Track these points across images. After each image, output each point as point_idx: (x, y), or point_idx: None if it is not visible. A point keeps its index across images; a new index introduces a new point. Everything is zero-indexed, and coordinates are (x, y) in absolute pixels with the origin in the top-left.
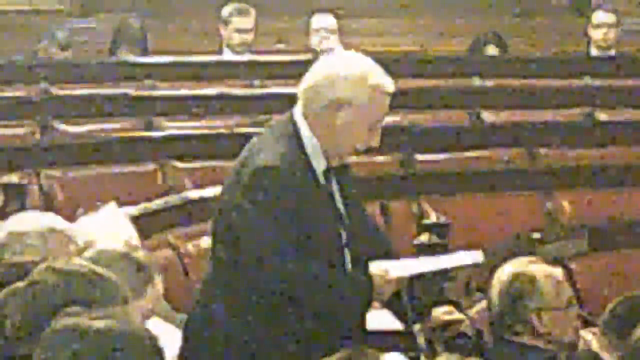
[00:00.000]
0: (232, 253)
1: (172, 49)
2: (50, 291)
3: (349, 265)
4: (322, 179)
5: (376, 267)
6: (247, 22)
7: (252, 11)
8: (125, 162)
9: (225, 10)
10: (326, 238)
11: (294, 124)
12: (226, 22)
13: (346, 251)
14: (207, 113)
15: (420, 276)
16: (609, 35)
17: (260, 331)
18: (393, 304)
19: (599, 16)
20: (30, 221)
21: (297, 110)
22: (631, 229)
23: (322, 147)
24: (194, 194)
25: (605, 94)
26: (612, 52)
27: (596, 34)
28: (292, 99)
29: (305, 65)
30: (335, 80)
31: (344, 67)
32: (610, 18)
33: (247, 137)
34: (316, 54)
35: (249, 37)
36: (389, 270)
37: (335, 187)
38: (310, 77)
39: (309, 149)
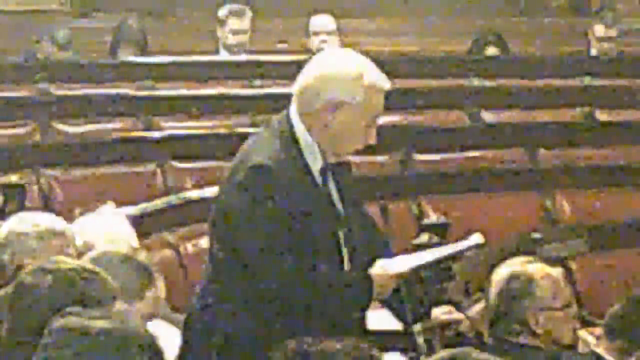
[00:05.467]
0: (229, 253)
1: (172, 49)
2: (44, 292)
3: (346, 264)
4: (318, 178)
5: (375, 266)
6: (243, 23)
7: (248, 12)
8: (125, 162)
9: (221, 12)
10: (321, 236)
11: (290, 123)
12: (222, 23)
13: (344, 250)
14: (207, 113)
15: (421, 268)
16: (609, 47)
17: (259, 331)
18: (393, 304)
19: (600, 31)
20: (30, 221)
21: (293, 110)
22: (631, 229)
23: (319, 146)
24: (194, 194)
25: (605, 94)
26: (612, 52)
27: (597, 45)
28: (291, 99)
29: (305, 65)
30: (331, 80)
31: (338, 66)
32: (611, 33)
33: (247, 137)
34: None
35: (245, 38)
36: (388, 266)
37: (333, 186)
38: (305, 77)
39: (304, 148)
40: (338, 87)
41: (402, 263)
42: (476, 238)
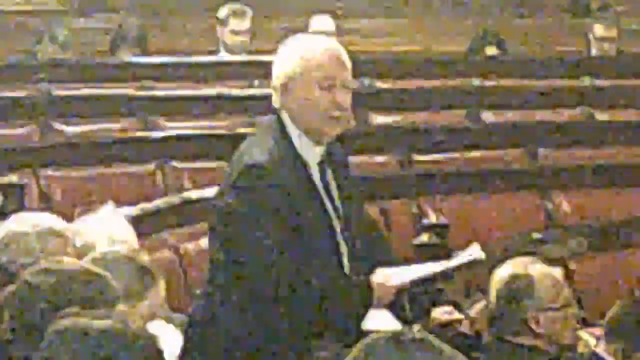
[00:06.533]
0: (228, 254)
1: (172, 49)
2: (47, 293)
3: (345, 260)
4: (316, 172)
5: (377, 274)
6: (243, 23)
7: (249, 13)
8: (125, 162)
9: (222, 12)
10: (319, 234)
11: (280, 120)
12: (222, 23)
13: (342, 245)
14: (207, 113)
15: (421, 281)
16: (609, 47)
17: (259, 332)
18: (393, 304)
19: (600, 31)
20: (30, 222)
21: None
22: (631, 229)
23: (306, 134)
24: (194, 194)
25: (605, 94)
26: (612, 52)
27: (597, 44)
28: None
29: None
30: (277, 66)
31: (281, 52)
32: (611, 33)
33: (247, 137)
34: None
35: (245, 38)
36: (390, 276)
37: (332, 180)
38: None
39: (297, 143)
40: (281, 68)
41: (403, 274)
42: (477, 252)
